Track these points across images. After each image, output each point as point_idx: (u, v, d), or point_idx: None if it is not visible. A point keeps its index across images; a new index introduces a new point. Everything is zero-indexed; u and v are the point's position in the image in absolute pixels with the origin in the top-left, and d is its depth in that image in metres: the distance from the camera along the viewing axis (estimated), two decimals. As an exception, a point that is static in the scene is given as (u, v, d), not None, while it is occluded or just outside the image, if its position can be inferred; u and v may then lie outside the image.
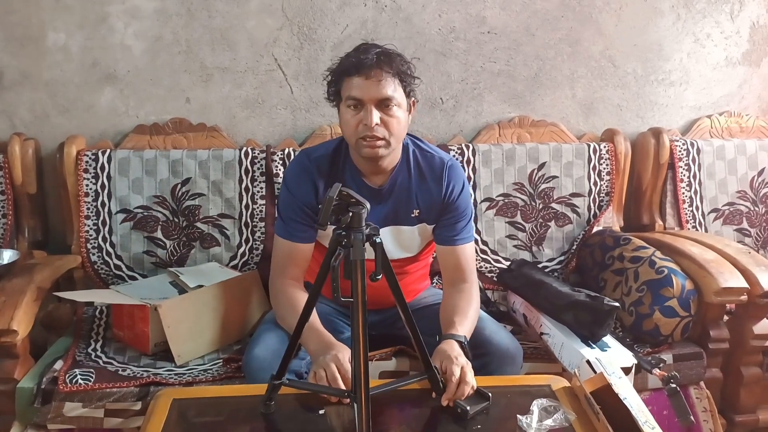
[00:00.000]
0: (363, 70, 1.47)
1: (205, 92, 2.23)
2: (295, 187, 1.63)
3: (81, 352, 1.78)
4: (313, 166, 1.62)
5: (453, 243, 1.65)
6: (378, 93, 1.48)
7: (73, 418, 1.61)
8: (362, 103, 1.49)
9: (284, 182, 1.67)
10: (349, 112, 1.51)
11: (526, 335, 1.92)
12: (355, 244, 1.11)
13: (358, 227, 1.11)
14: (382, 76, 1.48)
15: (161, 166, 2.12)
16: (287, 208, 1.64)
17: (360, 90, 1.48)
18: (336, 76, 1.54)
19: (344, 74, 1.51)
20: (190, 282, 1.88)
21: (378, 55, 1.49)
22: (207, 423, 1.34)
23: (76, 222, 2.10)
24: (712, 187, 2.38)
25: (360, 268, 1.10)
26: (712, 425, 1.86)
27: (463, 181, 1.68)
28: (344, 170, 1.63)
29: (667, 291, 1.85)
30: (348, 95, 1.50)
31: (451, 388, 1.32)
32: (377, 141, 1.51)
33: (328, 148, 1.66)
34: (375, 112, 1.48)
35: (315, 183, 1.61)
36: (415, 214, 1.65)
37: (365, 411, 1.11)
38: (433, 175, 1.65)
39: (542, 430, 1.25)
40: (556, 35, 2.34)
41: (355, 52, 1.52)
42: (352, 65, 1.49)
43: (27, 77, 2.15)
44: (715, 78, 2.47)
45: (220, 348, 1.83)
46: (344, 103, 1.52)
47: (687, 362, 1.86)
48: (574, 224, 2.28)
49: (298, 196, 1.62)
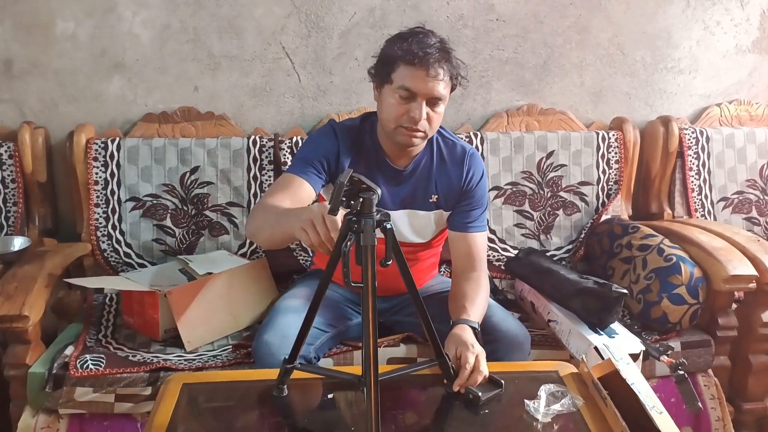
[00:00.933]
0: (424, 64, 1.45)
1: (213, 81, 2.24)
2: (319, 139, 1.62)
3: (91, 338, 1.79)
4: (341, 132, 1.62)
5: (466, 230, 1.66)
6: (433, 91, 1.48)
7: (84, 402, 1.62)
8: (414, 96, 1.48)
9: (309, 136, 1.67)
10: (397, 99, 1.50)
11: (534, 323, 1.93)
12: (365, 230, 1.10)
13: (368, 213, 1.11)
14: (441, 75, 1.47)
15: (170, 155, 2.13)
16: (305, 151, 1.62)
17: (417, 84, 1.46)
18: (391, 59, 1.50)
19: (401, 60, 1.48)
20: (200, 269, 1.89)
21: (438, 50, 1.47)
22: (217, 407, 1.35)
23: (86, 210, 2.11)
24: (722, 175, 2.37)
25: (370, 254, 1.11)
26: (719, 413, 1.86)
27: (483, 169, 1.69)
28: (369, 147, 1.63)
29: (676, 278, 1.85)
30: (402, 84, 1.48)
31: (464, 375, 1.31)
32: (417, 133, 1.52)
33: (355, 122, 1.66)
34: (425, 108, 1.49)
35: (338, 145, 1.60)
36: (433, 200, 1.66)
37: (374, 397, 1.11)
38: (454, 162, 1.66)
39: (550, 414, 1.25)
40: (565, 23, 2.33)
41: (413, 39, 1.48)
42: (413, 54, 1.46)
43: (36, 66, 2.16)
44: (724, 66, 2.46)
45: (229, 335, 1.85)
46: (394, 88, 1.50)
47: (695, 350, 1.85)
48: (582, 213, 2.27)
49: (320, 146, 1.60)
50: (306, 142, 1.68)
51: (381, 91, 1.55)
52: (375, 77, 1.57)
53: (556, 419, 1.25)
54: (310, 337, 1.53)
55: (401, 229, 1.67)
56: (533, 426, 1.24)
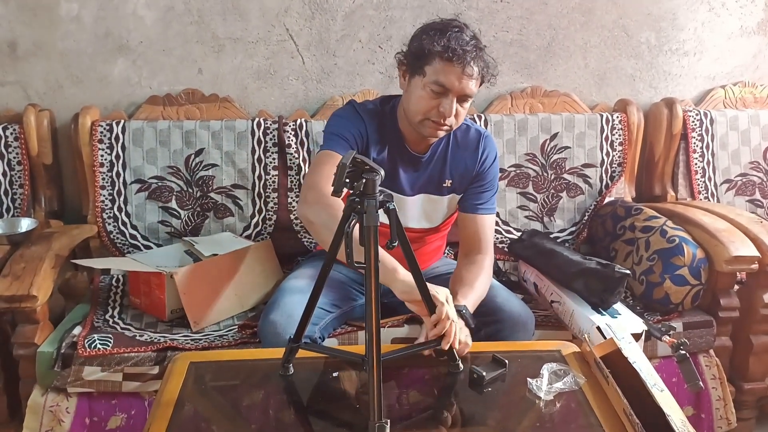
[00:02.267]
0: (461, 62, 1.45)
1: (217, 63, 2.23)
2: (347, 117, 1.62)
3: (99, 319, 1.81)
4: (364, 113, 1.63)
5: (475, 211, 1.67)
6: (466, 89, 1.48)
7: (92, 381, 1.64)
8: (447, 92, 1.48)
9: (335, 114, 1.66)
10: (429, 92, 1.49)
11: (537, 304, 1.94)
12: (368, 211, 1.11)
13: (371, 194, 1.12)
14: (476, 73, 1.48)
15: (174, 137, 2.13)
16: (336, 125, 1.61)
17: (451, 80, 1.46)
18: (428, 53, 1.48)
19: (439, 56, 1.46)
20: (205, 251, 1.90)
21: (473, 47, 1.47)
22: (223, 386, 1.37)
23: (92, 192, 2.12)
24: (725, 157, 2.37)
25: (373, 235, 1.12)
26: (721, 392, 1.88)
27: (496, 152, 1.71)
28: (391, 132, 1.64)
29: (678, 260, 1.85)
30: (437, 80, 1.47)
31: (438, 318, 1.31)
32: (443, 127, 1.53)
33: (376, 106, 1.66)
34: (455, 104, 1.49)
35: (366, 128, 1.61)
36: (447, 184, 1.68)
37: (377, 375, 1.13)
38: (469, 146, 1.68)
39: (552, 392, 1.26)
40: (569, 4, 2.32)
41: (449, 33, 1.46)
42: (454, 52, 1.45)
43: (41, 47, 2.16)
44: (729, 48, 2.45)
45: (235, 315, 1.86)
46: (427, 82, 1.49)
47: (697, 330, 1.87)
48: (585, 195, 2.28)
49: (350, 123, 1.60)
50: (333, 119, 1.65)
51: (410, 81, 1.54)
52: (407, 66, 1.55)
53: (559, 397, 1.26)
54: (315, 317, 1.55)
55: (413, 214, 1.69)
56: (536, 404, 1.26)
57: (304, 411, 1.31)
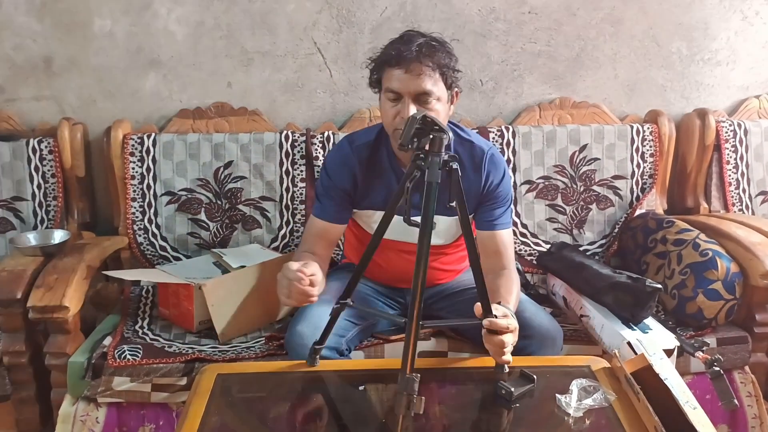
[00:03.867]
0: (403, 63, 1.46)
1: (246, 76, 2.26)
2: (333, 173, 1.66)
3: (129, 329, 1.83)
4: (354, 154, 1.64)
5: (492, 228, 1.65)
6: (416, 87, 1.47)
7: (121, 392, 1.66)
8: (400, 95, 1.49)
9: (324, 166, 1.70)
10: (388, 103, 1.51)
11: (566, 318, 1.91)
12: (431, 166, 1.16)
13: (437, 151, 1.16)
14: (422, 69, 1.46)
15: (204, 150, 2.16)
16: (324, 189, 1.67)
17: (399, 83, 1.47)
18: (377, 66, 1.54)
19: (384, 64, 1.51)
20: (233, 263, 1.91)
21: (420, 47, 1.47)
22: (250, 398, 1.37)
23: (123, 204, 2.16)
24: (760, 169, 2.32)
25: (433, 191, 1.17)
26: (756, 410, 1.83)
27: (504, 169, 1.67)
28: (384, 158, 1.64)
29: (712, 273, 1.82)
30: (387, 87, 1.50)
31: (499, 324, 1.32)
32: None
33: (370, 135, 1.67)
34: (412, 106, 1.48)
35: (354, 171, 1.63)
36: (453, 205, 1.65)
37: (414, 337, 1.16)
38: (473, 166, 1.64)
39: (581, 409, 1.24)
40: (598, 15, 2.30)
41: (398, 42, 1.50)
42: (392, 56, 1.48)
43: (74, 63, 2.21)
44: (763, 57, 2.40)
45: (262, 327, 1.87)
46: (384, 93, 1.53)
47: (731, 346, 1.82)
48: (616, 207, 2.25)
49: (336, 180, 1.65)
50: (322, 174, 1.69)
51: (380, 99, 1.57)
52: (372, 86, 1.60)
53: (588, 414, 1.24)
54: (341, 329, 1.56)
55: None
56: (565, 421, 1.24)
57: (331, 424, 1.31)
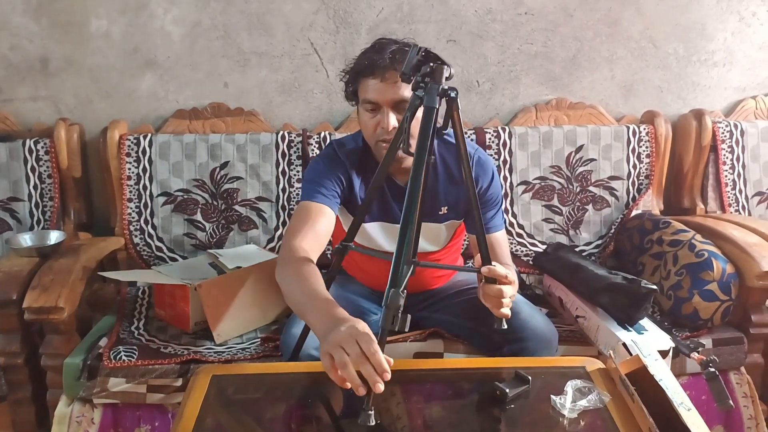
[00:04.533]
0: (377, 72, 1.42)
1: (242, 77, 2.26)
2: (326, 162, 1.60)
3: (124, 330, 1.83)
4: (344, 156, 1.61)
5: (486, 231, 1.64)
6: (394, 95, 1.43)
7: (117, 392, 1.66)
8: (378, 106, 1.46)
9: (314, 160, 1.65)
10: (367, 115, 1.48)
11: (562, 319, 1.92)
12: (429, 92, 1.15)
13: (437, 80, 1.16)
14: (397, 77, 1.41)
15: (200, 150, 2.16)
16: (314, 173, 1.59)
17: (375, 93, 1.44)
18: (351, 77, 1.50)
19: (359, 75, 1.47)
20: (229, 263, 1.91)
21: (393, 53, 1.43)
22: (245, 399, 1.37)
23: (119, 205, 2.15)
24: (757, 169, 2.32)
25: (433, 117, 1.16)
26: (752, 411, 1.83)
27: (492, 171, 1.63)
28: (372, 167, 1.59)
29: (707, 274, 1.82)
30: (364, 98, 1.47)
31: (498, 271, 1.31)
32: None
33: (357, 142, 1.63)
34: (392, 116, 1.44)
35: (345, 170, 1.59)
36: (443, 212, 1.64)
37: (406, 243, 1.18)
38: (460, 172, 1.62)
39: (576, 410, 1.24)
40: (595, 16, 2.30)
41: (369, 51, 1.46)
42: (365, 66, 1.44)
43: (71, 63, 2.21)
44: (760, 58, 2.40)
45: (258, 328, 1.87)
46: (361, 105, 1.49)
47: (727, 347, 1.83)
48: (612, 208, 2.25)
49: (329, 167, 1.59)
50: (311, 166, 1.63)
51: (357, 111, 1.54)
52: (348, 99, 1.56)
53: (583, 415, 1.24)
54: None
55: None
56: (560, 422, 1.24)
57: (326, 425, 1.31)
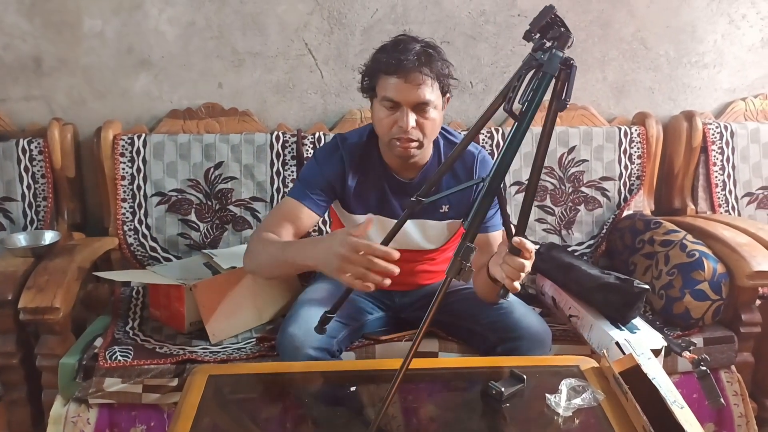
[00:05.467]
0: (401, 72, 1.43)
1: (236, 77, 2.26)
2: (324, 162, 1.63)
3: (119, 331, 1.83)
4: (346, 152, 1.62)
5: (485, 231, 1.65)
6: (416, 97, 1.45)
7: (113, 393, 1.66)
8: (398, 105, 1.46)
9: (314, 155, 1.68)
10: (384, 111, 1.49)
11: (555, 318, 1.93)
12: (552, 58, 1.14)
13: (561, 47, 1.16)
14: (422, 79, 1.43)
15: (195, 150, 2.16)
16: (309, 174, 1.62)
17: (397, 92, 1.45)
18: (371, 72, 1.50)
19: (381, 72, 1.47)
20: (224, 263, 1.92)
21: (418, 56, 1.43)
22: (242, 399, 1.38)
23: (113, 205, 2.15)
24: (746, 170, 2.35)
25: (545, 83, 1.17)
26: (742, 409, 1.85)
27: None
28: (376, 162, 1.63)
29: (698, 274, 1.84)
30: (384, 95, 1.47)
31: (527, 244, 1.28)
32: (411, 143, 1.49)
33: (362, 136, 1.65)
34: (411, 116, 1.46)
35: (344, 166, 1.62)
36: (444, 210, 1.65)
37: None
38: (464, 171, 1.64)
39: (571, 409, 1.26)
40: (587, 17, 2.32)
41: (393, 49, 1.46)
42: (391, 65, 1.44)
43: (64, 63, 2.20)
44: (750, 60, 2.43)
45: (253, 328, 1.87)
46: (379, 101, 1.49)
47: (718, 346, 1.85)
48: (604, 208, 2.27)
49: (325, 170, 1.61)
50: (311, 162, 1.66)
51: (372, 106, 1.55)
52: (364, 92, 1.56)
53: (577, 413, 1.26)
54: (332, 331, 1.56)
55: (413, 237, 1.67)
56: (554, 420, 1.25)
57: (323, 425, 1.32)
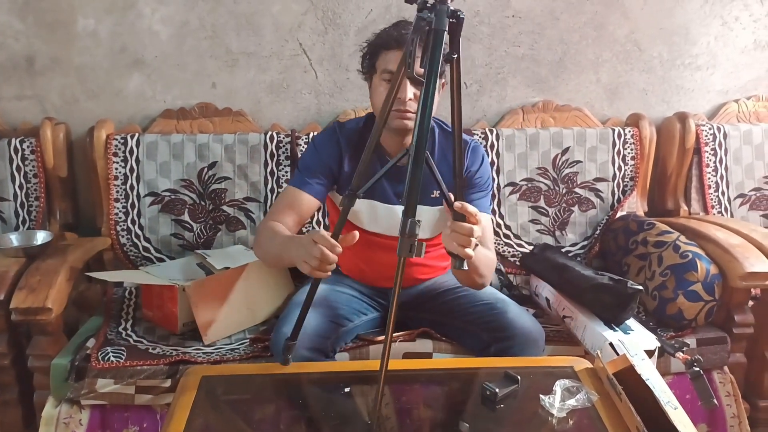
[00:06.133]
0: (401, 45, 1.50)
1: (230, 77, 2.26)
2: (322, 147, 1.68)
3: (112, 331, 1.82)
4: (343, 136, 1.68)
5: None
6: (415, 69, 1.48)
7: (105, 394, 1.65)
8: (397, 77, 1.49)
9: (312, 141, 1.74)
10: (383, 85, 1.55)
11: (549, 319, 1.93)
12: (439, 14, 1.14)
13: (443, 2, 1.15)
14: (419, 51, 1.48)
15: (188, 150, 2.15)
16: (308, 159, 1.68)
17: (395, 64, 1.50)
18: (373, 49, 1.58)
19: (381, 47, 1.55)
20: (217, 264, 1.91)
21: None
22: (235, 400, 1.37)
23: (106, 205, 2.14)
24: (739, 172, 2.36)
25: (440, 40, 1.15)
26: (735, 409, 1.86)
27: (482, 157, 1.71)
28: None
29: (692, 275, 1.84)
30: (384, 68, 1.54)
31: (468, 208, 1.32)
32: (408, 113, 1.55)
33: (358, 123, 1.72)
34: (410, 87, 1.52)
35: (341, 151, 1.66)
36: (435, 195, 1.67)
37: None
38: None
39: (565, 410, 1.26)
40: (581, 19, 2.32)
41: (394, 27, 1.55)
42: (391, 38, 1.53)
43: (57, 62, 2.19)
44: (743, 62, 2.44)
45: (246, 328, 1.87)
46: (379, 75, 1.56)
47: (711, 346, 1.85)
48: (597, 209, 2.27)
49: (323, 155, 1.66)
50: (309, 147, 1.72)
51: (371, 84, 1.61)
52: (364, 73, 1.64)
53: (571, 414, 1.26)
54: (326, 332, 1.57)
55: None
56: (548, 421, 1.25)
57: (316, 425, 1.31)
